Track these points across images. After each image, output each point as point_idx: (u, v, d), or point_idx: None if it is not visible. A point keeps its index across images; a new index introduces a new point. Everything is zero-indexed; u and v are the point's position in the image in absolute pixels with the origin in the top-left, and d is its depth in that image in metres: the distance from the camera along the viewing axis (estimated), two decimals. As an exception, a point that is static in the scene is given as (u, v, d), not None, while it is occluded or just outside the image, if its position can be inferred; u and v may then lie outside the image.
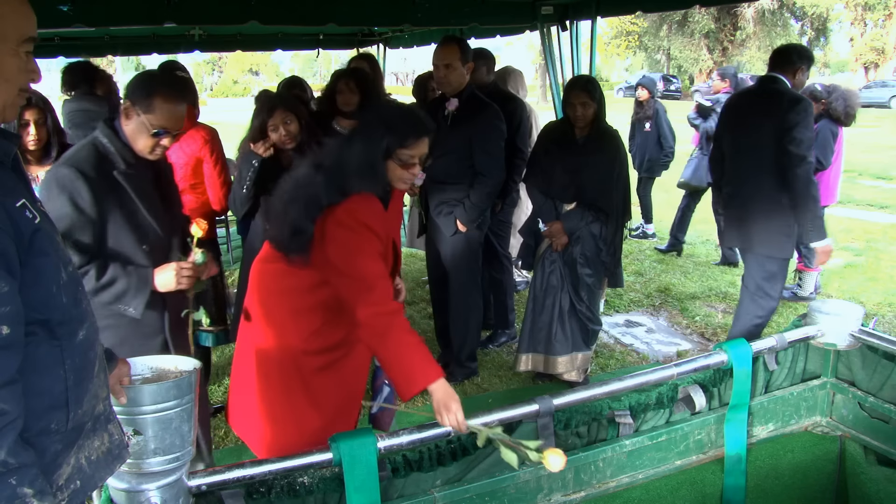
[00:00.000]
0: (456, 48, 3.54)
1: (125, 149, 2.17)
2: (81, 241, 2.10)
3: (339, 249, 1.99)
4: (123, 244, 2.17)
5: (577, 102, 3.48)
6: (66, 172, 2.08)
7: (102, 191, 2.10)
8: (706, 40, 35.54)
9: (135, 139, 2.16)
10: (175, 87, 2.20)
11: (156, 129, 2.13)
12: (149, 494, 1.43)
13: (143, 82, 2.18)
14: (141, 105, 2.12)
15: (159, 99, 2.12)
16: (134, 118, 2.14)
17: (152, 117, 2.12)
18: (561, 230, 3.58)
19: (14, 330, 1.09)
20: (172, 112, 2.14)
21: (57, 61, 6.83)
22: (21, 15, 1.16)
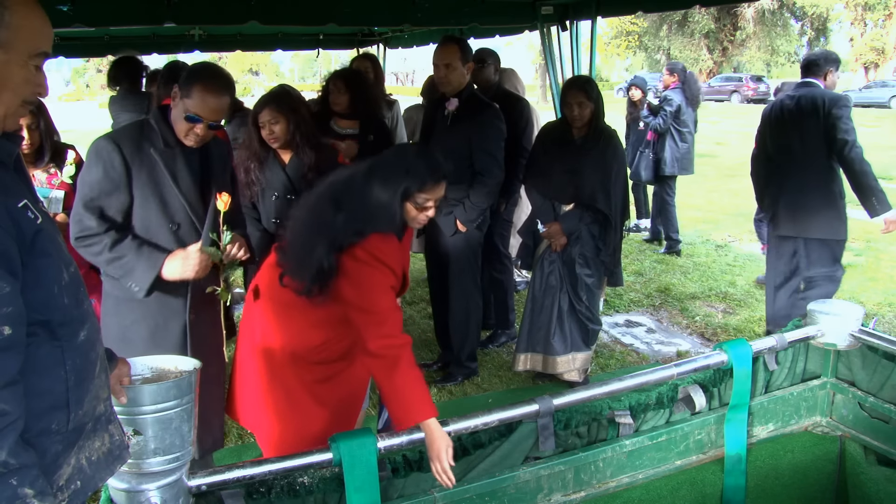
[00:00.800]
0: (456, 48, 3.54)
1: (168, 130, 2.27)
2: (105, 211, 2.21)
3: (355, 284, 2.03)
4: (150, 220, 2.26)
5: (574, 102, 3.48)
6: (104, 143, 2.21)
7: (136, 165, 2.21)
8: (706, 40, 35.54)
9: (175, 122, 2.26)
10: (217, 79, 2.25)
11: (189, 114, 2.21)
12: (149, 494, 1.43)
13: (191, 70, 2.29)
14: (183, 91, 2.22)
15: (198, 87, 2.20)
16: (177, 102, 2.24)
17: (189, 102, 2.20)
18: (559, 231, 3.58)
19: (15, 331, 1.09)
20: (207, 101, 2.20)
21: (57, 61, 6.86)
22: (35, 29, 1.16)
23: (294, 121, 2.99)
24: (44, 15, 1.19)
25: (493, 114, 3.62)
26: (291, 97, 3.12)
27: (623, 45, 39.84)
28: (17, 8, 1.13)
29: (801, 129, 3.87)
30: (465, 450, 1.81)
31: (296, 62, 66.54)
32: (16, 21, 1.12)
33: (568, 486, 1.92)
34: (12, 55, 1.13)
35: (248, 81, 57.25)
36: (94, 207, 2.20)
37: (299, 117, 3.03)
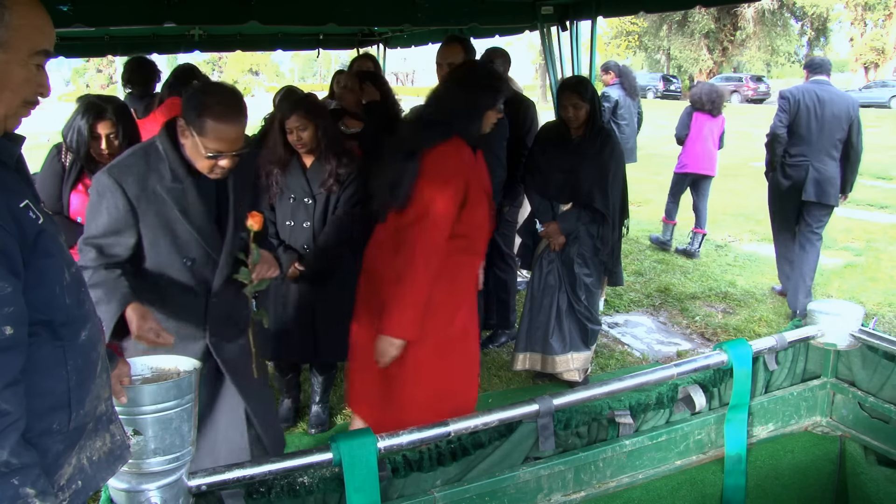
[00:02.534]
0: (459, 48, 3.54)
1: (178, 161, 2.08)
2: (107, 249, 2.07)
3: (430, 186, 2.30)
4: (161, 257, 2.12)
5: (569, 104, 3.49)
6: (107, 182, 2.04)
7: (142, 206, 2.05)
8: (706, 40, 35.54)
9: (193, 158, 2.07)
10: (228, 107, 2.00)
11: (210, 152, 2.01)
12: (149, 494, 1.43)
13: (194, 100, 2.03)
14: (193, 125, 2.00)
15: (210, 119, 1.97)
16: (189, 137, 2.04)
17: (205, 140, 2.00)
18: (557, 230, 3.58)
19: (17, 331, 1.09)
20: (226, 133, 1.99)
21: (57, 61, 6.87)
22: (36, 28, 1.16)
23: (322, 127, 3.03)
24: (45, 14, 1.18)
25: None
26: (317, 104, 3.14)
27: (623, 45, 39.83)
28: (17, 7, 1.12)
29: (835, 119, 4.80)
30: (465, 450, 1.81)
31: (296, 62, 66.53)
32: (16, 20, 1.12)
33: (568, 486, 1.92)
34: (12, 55, 1.12)
35: (248, 81, 57.23)
36: (95, 245, 2.07)
37: (326, 123, 3.08)
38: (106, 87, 39.70)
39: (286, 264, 3.07)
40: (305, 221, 3.10)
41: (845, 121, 4.79)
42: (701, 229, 6.54)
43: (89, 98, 2.80)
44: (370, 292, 2.58)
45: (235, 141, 2.04)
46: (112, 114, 2.71)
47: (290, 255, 3.09)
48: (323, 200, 3.10)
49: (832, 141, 4.80)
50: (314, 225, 3.11)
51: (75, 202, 2.76)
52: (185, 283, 2.17)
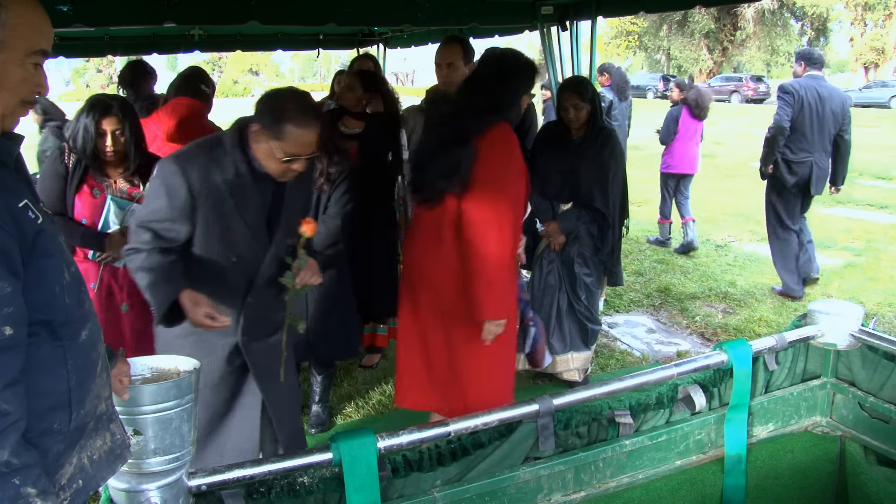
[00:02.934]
0: (458, 48, 3.53)
1: (243, 160, 2.10)
2: (161, 234, 2.11)
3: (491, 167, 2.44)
4: (210, 249, 2.16)
5: (570, 105, 3.49)
6: (172, 168, 2.08)
7: (202, 196, 2.08)
8: (706, 40, 35.54)
9: (265, 162, 2.10)
10: (305, 113, 2.06)
11: (287, 157, 2.05)
12: (149, 494, 1.43)
13: (273, 105, 2.07)
14: (272, 132, 2.03)
15: (290, 126, 2.02)
16: (263, 142, 2.07)
17: (283, 144, 2.03)
18: (557, 230, 3.58)
19: (17, 331, 1.09)
20: (304, 138, 2.05)
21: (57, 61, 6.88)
22: (33, 27, 1.15)
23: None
24: (43, 13, 1.18)
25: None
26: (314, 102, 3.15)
27: (623, 45, 39.85)
28: (13, 6, 1.12)
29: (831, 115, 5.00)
30: (465, 450, 1.81)
31: (296, 62, 66.53)
32: (12, 19, 1.12)
33: (568, 486, 1.92)
34: (9, 54, 1.12)
35: (248, 81, 57.25)
36: (150, 228, 2.11)
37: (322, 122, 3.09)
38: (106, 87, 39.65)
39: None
40: None
41: (840, 116, 5.01)
42: (689, 217, 6.78)
43: (95, 97, 2.81)
44: (415, 283, 2.71)
45: (311, 145, 2.08)
46: (118, 110, 2.71)
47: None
48: (314, 200, 3.09)
49: (829, 136, 5.04)
50: None
51: (79, 205, 2.75)
52: (227, 279, 2.20)
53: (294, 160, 2.08)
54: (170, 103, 3.33)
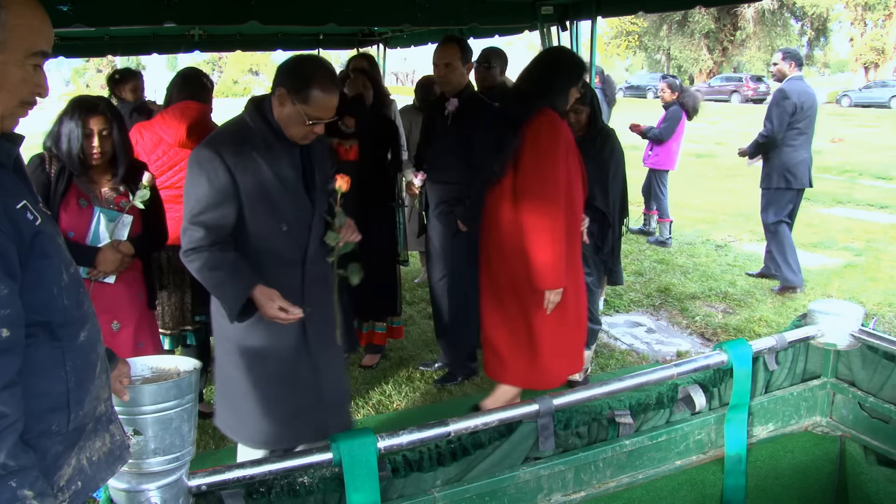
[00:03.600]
0: (456, 48, 3.54)
1: (268, 130, 2.17)
2: (213, 223, 2.13)
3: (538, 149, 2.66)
4: (262, 225, 2.19)
5: (570, 110, 3.49)
6: (205, 153, 2.12)
7: (240, 172, 2.12)
8: (706, 40, 35.53)
9: (287, 125, 2.16)
10: (330, 78, 2.15)
11: (312, 120, 2.13)
12: (149, 494, 1.43)
13: (299, 70, 2.15)
14: (297, 95, 2.11)
15: (316, 89, 2.10)
16: (288, 105, 2.13)
17: (308, 108, 2.11)
18: None
19: (14, 333, 1.09)
20: (328, 102, 2.14)
21: (57, 61, 6.88)
22: (33, 29, 1.15)
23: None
24: (43, 14, 1.17)
25: (491, 111, 3.61)
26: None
27: (623, 45, 39.85)
28: (14, 7, 1.12)
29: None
30: (465, 450, 1.81)
31: (296, 62, 66.38)
32: (12, 20, 1.12)
33: (568, 486, 1.92)
34: (9, 55, 1.12)
35: (248, 81, 57.21)
36: (200, 221, 2.12)
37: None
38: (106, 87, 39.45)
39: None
40: None
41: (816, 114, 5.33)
42: (667, 218, 7.00)
43: (78, 97, 2.67)
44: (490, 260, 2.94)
45: (333, 109, 2.17)
46: (105, 109, 2.58)
47: None
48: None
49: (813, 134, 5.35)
50: None
51: (65, 217, 2.55)
52: (282, 251, 2.23)
53: (317, 123, 2.15)
54: (177, 107, 3.29)
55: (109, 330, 2.67)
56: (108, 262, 2.56)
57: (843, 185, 10.28)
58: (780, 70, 5.30)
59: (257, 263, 2.19)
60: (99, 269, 2.57)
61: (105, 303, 2.63)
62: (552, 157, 2.69)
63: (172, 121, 3.23)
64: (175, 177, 3.23)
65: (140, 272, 2.79)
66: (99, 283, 2.62)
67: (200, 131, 3.29)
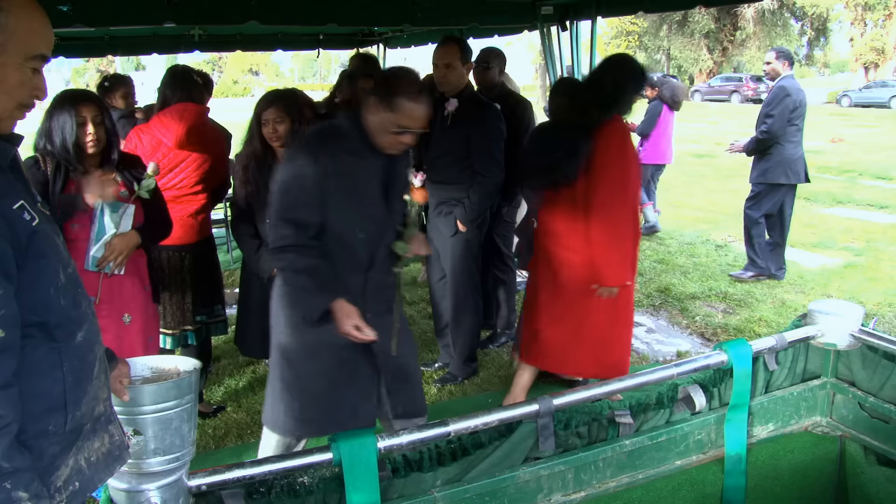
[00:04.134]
0: (456, 48, 3.53)
1: (360, 138, 2.22)
2: (302, 221, 2.18)
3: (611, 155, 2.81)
4: (341, 228, 2.23)
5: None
6: (302, 153, 2.19)
7: (331, 175, 2.17)
8: (706, 40, 35.52)
9: (376, 134, 2.21)
10: (419, 88, 2.20)
11: (400, 129, 2.17)
12: (149, 494, 1.43)
13: (389, 80, 2.21)
14: (386, 103, 2.15)
15: (403, 98, 2.14)
16: (377, 114, 2.18)
17: (396, 116, 2.16)
18: None
19: (9, 333, 1.09)
20: (416, 111, 2.17)
21: (57, 61, 6.89)
22: (33, 32, 1.15)
23: (299, 121, 3.02)
24: (44, 17, 1.17)
25: (492, 114, 3.61)
26: (298, 98, 3.16)
27: (623, 45, 39.76)
28: (14, 10, 1.12)
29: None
30: (465, 450, 1.81)
31: (296, 62, 66.53)
32: (12, 23, 1.11)
33: (568, 486, 1.92)
34: (8, 57, 1.12)
35: (248, 81, 57.24)
36: (290, 218, 2.17)
37: (303, 119, 3.09)
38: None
39: (265, 263, 3.05)
40: None
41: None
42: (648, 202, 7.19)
43: (63, 92, 2.65)
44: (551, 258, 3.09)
45: (421, 119, 2.20)
46: (93, 97, 2.58)
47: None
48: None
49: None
50: None
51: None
52: (352, 256, 2.28)
53: (405, 132, 2.18)
54: (175, 108, 3.27)
55: (121, 324, 2.69)
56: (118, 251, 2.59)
57: (843, 185, 10.27)
58: (773, 69, 5.37)
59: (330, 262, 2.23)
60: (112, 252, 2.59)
61: (115, 295, 2.67)
62: (624, 163, 2.86)
63: (171, 123, 3.21)
64: (175, 178, 3.23)
65: (145, 264, 2.83)
66: (107, 277, 2.64)
67: (200, 132, 3.29)
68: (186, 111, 3.26)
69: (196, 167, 3.29)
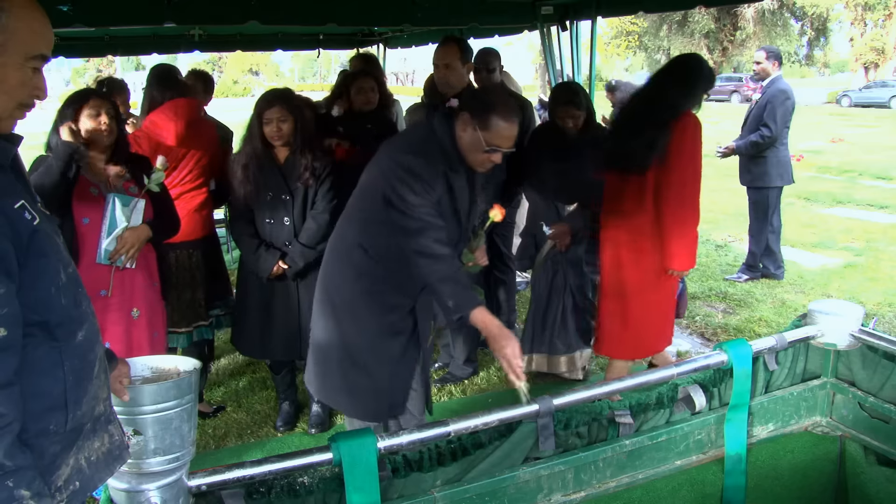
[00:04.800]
0: (456, 48, 3.53)
1: (454, 152, 2.24)
2: (439, 225, 2.22)
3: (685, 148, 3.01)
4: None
5: (567, 117, 3.51)
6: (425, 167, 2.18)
7: (436, 186, 2.20)
8: (706, 40, 35.51)
9: (467, 150, 2.23)
10: (512, 107, 2.20)
11: (490, 147, 2.17)
12: (149, 494, 1.43)
13: (483, 98, 2.23)
14: (480, 122, 2.16)
15: (497, 117, 2.15)
16: (469, 131, 2.19)
17: (488, 134, 2.16)
18: (567, 231, 3.60)
19: (11, 332, 1.09)
20: (508, 131, 2.18)
21: (57, 61, 6.89)
22: (34, 32, 1.15)
23: (300, 120, 3.04)
24: (44, 17, 1.18)
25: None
26: (297, 97, 3.20)
27: (623, 45, 39.80)
28: (15, 10, 1.12)
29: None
30: (465, 450, 1.81)
31: (296, 62, 66.52)
32: (13, 23, 1.12)
33: (568, 486, 1.92)
34: (8, 57, 1.12)
35: (248, 81, 57.22)
36: (438, 227, 2.19)
37: (304, 118, 3.13)
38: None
39: (270, 263, 3.07)
40: (285, 218, 3.09)
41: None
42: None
43: (73, 93, 2.72)
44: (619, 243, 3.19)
45: (512, 139, 2.22)
46: (99, 94, 2.63)
47: (273, 253, 3.08)
48: (301, 196, 3.09)
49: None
50: (294, 221, 3.10)
51: (79, 206, 2.61)
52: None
53: (494, 151, 2.19)
54: (167, 106, 3.27)
55: (130, 317, 2.72)
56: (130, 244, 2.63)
57: (843, 185, 10.27)
58: (763, 69, 5.34)
59: (396, 258, 2.25)
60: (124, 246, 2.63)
61: (125, 290, 2.70)
62: (697, 156, 3.08)
63: (166, 121, 3.21)
64: (179, 175, 3.24)
65: (154, 260, 2.85)
66: (118, 271, 2.67)
67: (196, 126, 3.31)
68: (179, 107, 3.26)
69: (196, 161, 3.31)
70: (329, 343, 2.49)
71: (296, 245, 3.10)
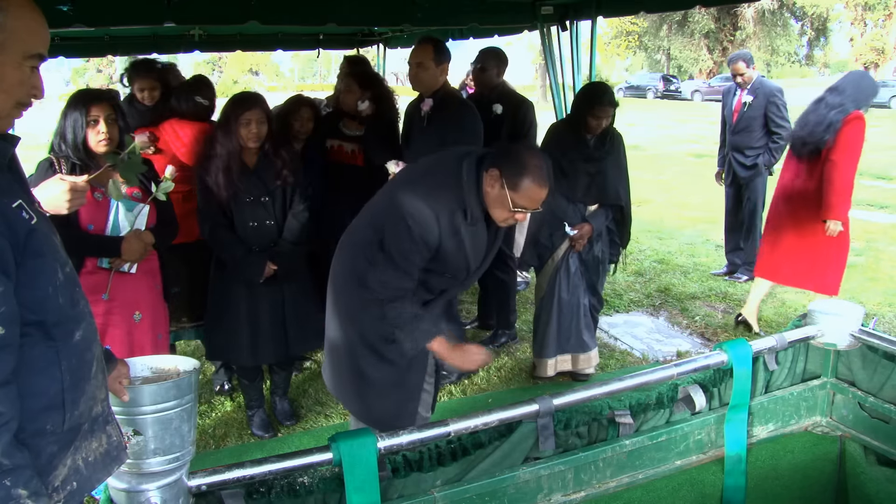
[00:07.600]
0: (430, 48, 3.47)
1: (478, 203, 2.22)
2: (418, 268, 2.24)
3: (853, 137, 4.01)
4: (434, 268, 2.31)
5: (604, 116, 3.49)
6: (427, 214, 2.18)
7: (445, 238, 2.21)
8: (706, 40, 35.55)
9: (493, 206, 2.21)
10: (545, 171, 2.17)
11: (518, 208, 2.17)
12: (149, 494, 1.43)
13: (517, 158, 2.17)
14: (511, 182, 2.14)
15: (528, 180, 2.13)
16: (497, 188, 2.17)
17: (516, 196, 2.14)
18: (591, 232, 3.62)
19: (9, 331, 1.09)
20: (537, 194, 2.16)
21: (57, 61, 6.87)
22: (31, 31, 1.16)
23: (271, 122, 3.08)
24: (41, 17, 1.18)
25: (467, 114, 3.55)
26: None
27: (623, 45, 39.85)
28: (13, 10, 1.13)
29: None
30: (465, 450, 1.81)
31: (296, 62, 66.51)
32: (11, 23, 1.12)
33: (568, 486, 1.92)
34: (6, 56, 1.13)
35: (248, 81, 57.21)
36: (411, 272, 2.22)
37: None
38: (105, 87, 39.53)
39: (258, 267, 3.05)
40: (268, 220, 3.07)
41: None
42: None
43: (78, 91, 2.66)
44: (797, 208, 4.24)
45: (540, 202, 2.20)
46: (108, 97, 2.56)
47: (260, 256, 3.06)
48: (280, 196, 3.08)
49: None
50: (277, 222, 3.09)
51: (84, 213, 2.53)
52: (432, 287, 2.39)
53: (521, 212, 2.19)
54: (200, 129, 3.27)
55: (131, 321, 2.70)
56: (133, 251, 2.59)
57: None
58: (749, 77, 5.38)
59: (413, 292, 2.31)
60: (124, 257, 2.60)
61: (126, 294, 2.67)
62: (860, 144, 4.02)
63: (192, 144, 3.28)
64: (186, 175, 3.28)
65: (156, 263, 2.84)
66: (119, 275, 2.64)
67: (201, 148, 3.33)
68: (204, 134, 3.25)
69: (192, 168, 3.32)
70: (340, 347, 2.50)
71: (283, 244, 3.10)
